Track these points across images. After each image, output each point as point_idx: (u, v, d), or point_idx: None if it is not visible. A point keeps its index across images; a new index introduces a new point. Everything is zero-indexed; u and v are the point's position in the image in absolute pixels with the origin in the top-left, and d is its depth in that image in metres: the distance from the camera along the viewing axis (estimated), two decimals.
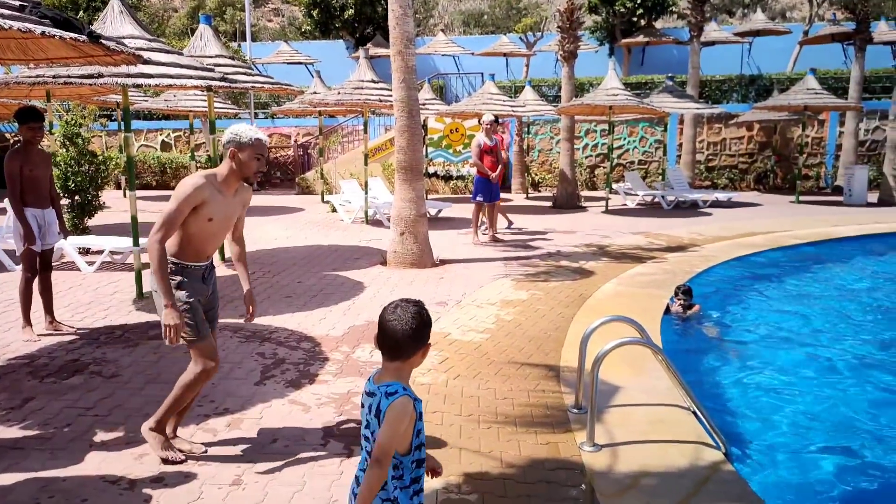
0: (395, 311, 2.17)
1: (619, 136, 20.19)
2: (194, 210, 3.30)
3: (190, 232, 3.36)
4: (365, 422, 2.20)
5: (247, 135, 3.36)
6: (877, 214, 14.04)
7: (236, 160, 3.37)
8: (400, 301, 2.21)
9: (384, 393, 2.12)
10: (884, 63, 21.85)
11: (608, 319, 4.16)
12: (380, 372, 2.22)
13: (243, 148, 3.36)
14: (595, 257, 9.36)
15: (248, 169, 3.40)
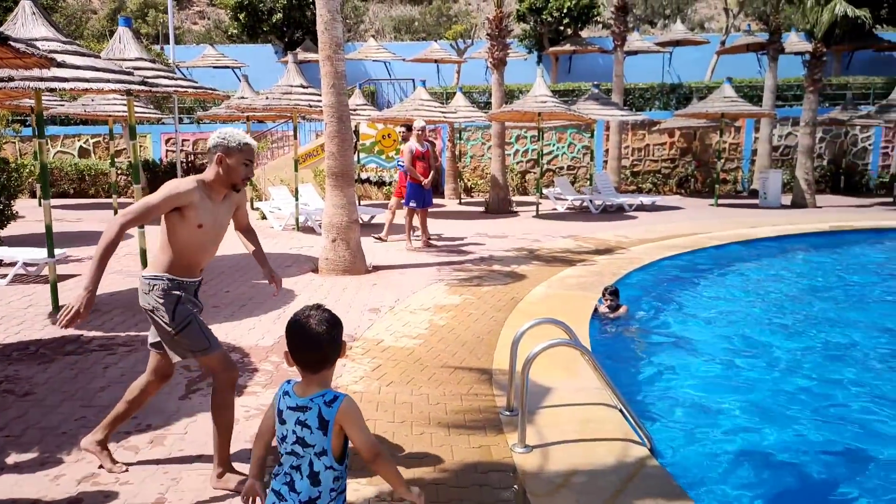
0: (310, 325, 2.12)
1: (548, 142, 20.60)
2: (182, 215, 3.14)
3: (182, 242, 3.20)
4: (292, 437, 2.15)
5: (235, 139, 3.23)
6: (790, 216, 14.81)
7: (224, 166, 3.22)
8: (307, 314, 2.16)
9: (323, 403, 2.09)
10: (795, 72, 23.09)
11: (537, 322, 4.22)
12: (300, 385, 2.18)
13: (231, 153, 3.22)
14: (526, 261, 9.50)
15: (235, 175, 3.26)
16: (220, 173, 3.23)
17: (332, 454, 2.09)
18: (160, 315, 3.17)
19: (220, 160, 3.21)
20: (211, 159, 3.25)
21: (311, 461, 2.11)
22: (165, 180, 17.87)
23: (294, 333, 2.13)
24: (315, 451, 2.11)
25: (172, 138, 20.23)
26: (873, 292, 8.76)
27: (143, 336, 5.78)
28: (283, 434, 2.17)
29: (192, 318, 3.22)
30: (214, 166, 3.23)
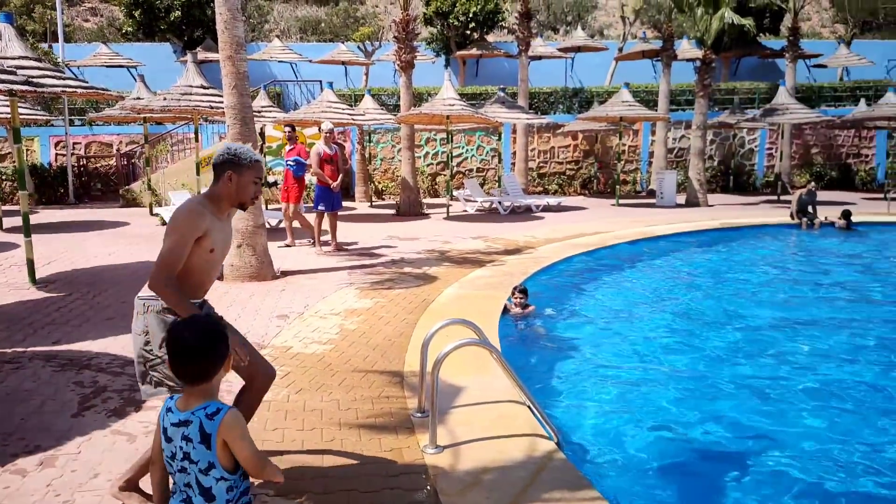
0: (188, 336, 2.05)
1: (457, 145, 20.82)
2: (197, 241, 2.92)
3: (191, 265, 2.96)
4: (180, 454, 2.07)
5: (246, 155, 3.05)
6: (684, 214, 15.62)
7: (234, 183, 3.04)
8: (185, 324, 2.10)
9: (204, 416, 2.02)
10: (687, 78, 24.37)
11: (447, 323, 4.25)
12: (182, 398, 2.10)
13: (242, 170, 3.04)
14: (437, 263, 9.56)
15: (245, 194, 3.08)
16: (229, 191, 3.05)
17: (222, 465, 2.03)
18: (147, 339, 2.92)
19: (231, 177, 3.04)
20: (219, 176, 3.06)
21: (198, 478, 2.04)
22: (55, 185, 16.74)
23: (173, 344, 2.05)
24: (200, 468, 2.03)
25: (62, 141, 19.06)
26: (761, 284, 9.35)
27: (34, 351, 5.42)
28: (172, 452, 2.08)
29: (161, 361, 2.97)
30: (225, 183, 3.05)
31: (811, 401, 5.07)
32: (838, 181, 22.30)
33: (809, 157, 22.62)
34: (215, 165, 3.07)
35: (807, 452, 4.25)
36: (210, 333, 2.06)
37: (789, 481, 3.90)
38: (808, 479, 3.92)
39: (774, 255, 11.84)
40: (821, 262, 11.05)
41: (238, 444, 2.02)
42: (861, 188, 22.18)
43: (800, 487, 3.84)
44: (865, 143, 22.86)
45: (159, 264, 2.85)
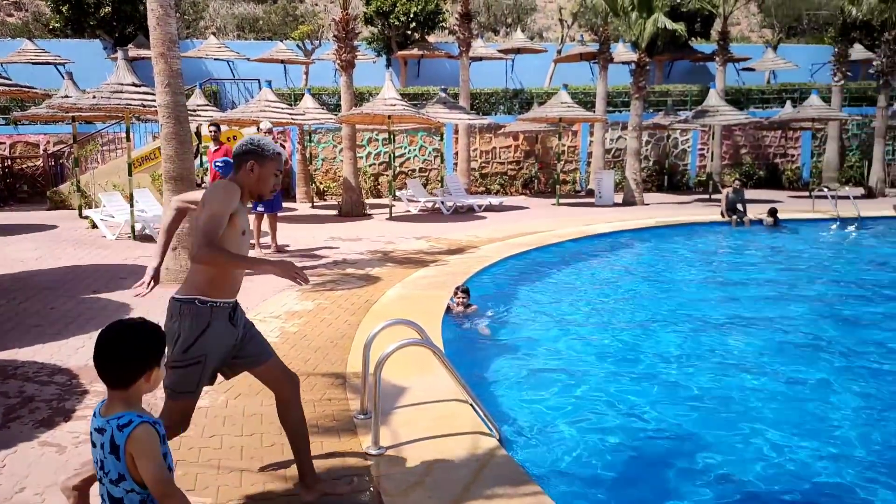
0: (110, 335, 2.00)
1: (400, 145, 20.78)
2: (231, 223, 2.90)
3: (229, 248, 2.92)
4: (98, 462, 2.00)
5: (269, 147, 3.05)
6: (622, 213, 16.01)
7: (256, 174, 3.03)
8: (117, 322, 2.04)
9: (116, 426, 1.95)
10: (623, 80, 24.96)
11: (389, 323, 4.24)
12: (105, 404, 2.04)
13: (265, 161, 3.03)
14: (380, 263, 9.52)
15: (265, 185, 3.07)
16: (250, 181, 3.04)
17: (133, 478, 1.96)
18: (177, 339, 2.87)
19: (253, 167, 3.03)
20: (240, 166, 3.05)
21: (108, 488, 1.97)
22: None
23: (97, 345, 1.99)
24: (111, 478, 1.97)
25: None
26: (693, 281, 9.67)
27: None
28: (97, 458, 2.02)
29: (203, 362, 2.92)
30: (246, 173, 3.03)
31: (741, 393, 5.27)
32: (767, 180, 23.26)
33: (739, 157, 23.51)
34: (237, 155, 3.06)
35: (736, 446, 4.42)
36: (134, 339, 1.99)
37: (718, 472, 4.05)
38: (735, 471, 4.08)
39: (706, 252, 12.26)
40: (748, 257, 11.51)
41: (142, 463, 1.93)
42: (788, 187, 23.18)
43: (724, 477, 3.99)
44: (791, 143, 23.90)
45: (201, 233, 2.80)
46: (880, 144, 20.35)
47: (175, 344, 2.88)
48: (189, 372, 2.90)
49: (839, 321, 7.42)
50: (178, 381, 2.91)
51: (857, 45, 26.20)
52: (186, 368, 2.90)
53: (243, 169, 3.04)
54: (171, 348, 2.88)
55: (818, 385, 5.45)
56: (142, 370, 2.00)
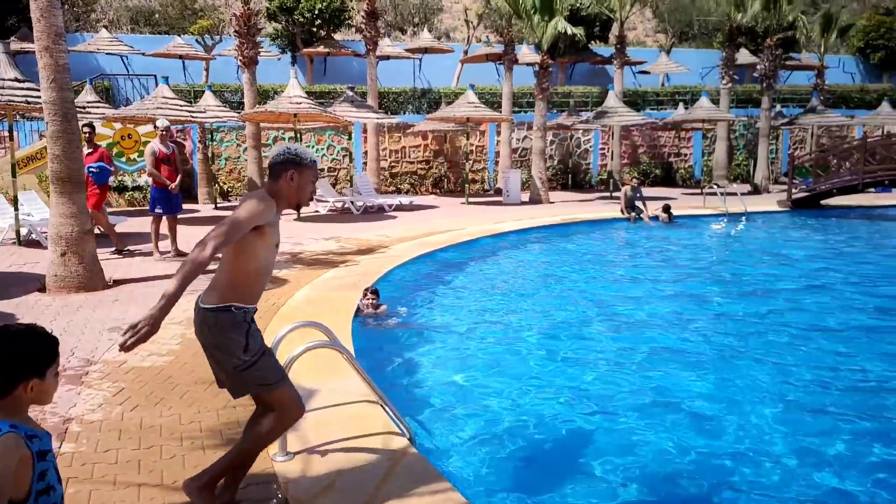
0: None
1: (307, 144, 20.42)
2: (261, 234, 2.90)
3: (256, 264, 2.94)
4: None
5: (306, 154, 3.04)
6: (528, 211, 16.39)
7: (295, 183, 3.00)
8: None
9: None
10: (528, 81, 25.57)
11: (296, 326, 4.14)
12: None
13: (303, 169, 3.01)
14: (288, 265, 9.32)
15: (304, 193, 3.05)
16: (289, 190, 3.01)
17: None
18: (232, 348, 2.87)
19: (292, 176, 2.99)
20: (279, 175, 3.00)
21: None
22: None
23: None
24: None
25: None
26: (596, 274, 10.02)
27: None
28: None
29: (266, 351, 2.96)
30: (284, 182, 2.99)
31: (640, 385, 5.50)
32: (663, 178, 24.42)
33: (637, 156, 24.57)
34: (274, 165, 3.02)
35: (637, 438, 4.62)
36: (8, 347, 1.86)
37: (620, 464, 4.21)
38: (636, 463, 4.25)
39: (607, 248, 12.74)
40: (645, 251, 12.06)
41: None
42: (682, 184, 24.43)
43: (624, 467, 4.16)
44: (684, 143, 25.21)
45: (217, 230, 2.79)
46: (764, 144, 21.80)
47: (231, 352, 2.89)
48: (263, 363, 2.93)
49: (726, 309, 7.89)
50: (263, 376, 2.94)
51: (742, 49, 27.94)
52: (258, 362, 2.92)
53: (283, 178, 3.00)
54: (230, 357, 2.89)
55: (708, 374, 5.77)
56: (18, 379, 1.87)
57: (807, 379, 5.56)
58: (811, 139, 25.61)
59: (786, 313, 7.69)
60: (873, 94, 29.32)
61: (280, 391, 3.01)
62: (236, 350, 2.89)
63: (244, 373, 2.91)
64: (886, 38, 32.81)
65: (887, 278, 9.70)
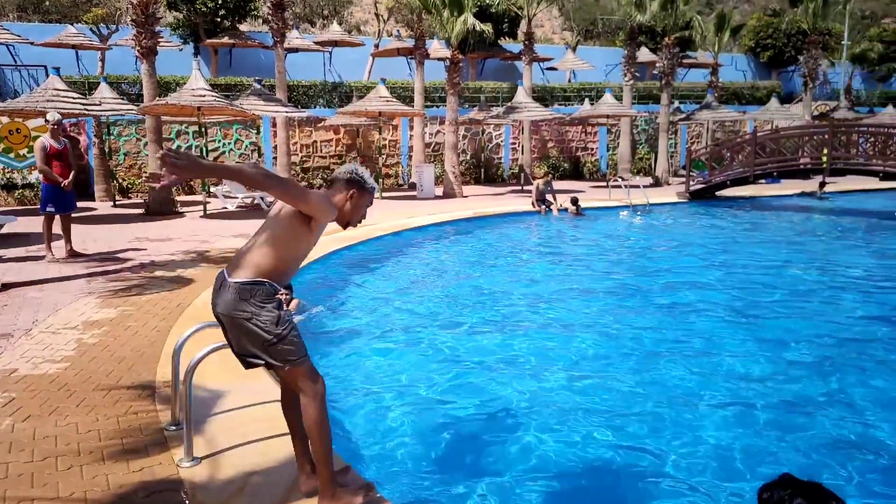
0: None
1: (213, 138, 19.73)
2: (311, 227, 2.99)
3: (295, 251, 3.04)
4: None
5: (370, 181, 3.17)
6: (442, 205, 16.48)
7: (353, 203, 3.12)
8: None
9: None
10: (439, 76, 25.66)
11: (201, 326, 4.01)
12: None
13: (364, 193, 3.15)
14: (194, 264, 8.99)
15: (357, 214, 3.17)
16: (345, 208, 3.12)
17: None
18: (262, 321, 2.89)
19: (352, 196, 3.12)
20: (339, 190, 3.13)
21: None
22: None
23: None
24: None
25: None
26: (509, 265, 10.21)
27: None
28: None
29: (293, 323, 2.99)
30: (344, 198, 3.12)
31: (570, 381, 5.66)
32: (571, 172, 25.14)
33: (546, 150, 25.17)
34: (339, 179, 3.15)
35: (560, 431, 4.74)
36: None
37: (536, 455, 4.32)
38: (552, 455, 4.37)
39: (518, 239, 13.00)
40: (555, 242, 12.39)
41: None
42: (589, 177, 25.24)
43: (542, 458, 4.27)
44: (591, 137, 26.03)
45: (288, 182, 2.93)
46: (664, 138, 22.81)
47: (263, 325, 2.90)
48: (293, 337, 2.96)
49: (632, 296, 8.22)
50: (292, 350, 2.96)
51: (643, 48, 29.11)
52: (289, 336, 2.94)
53: (343, 195, 3.12)
54: (262, 332, 2.90)
55: (621, 363, 6.00)
56: None
57: (705, 356, 5.88)
58: (707, 133, 27.03)
59: (688, 296, 8.10)
60: (763, 90, 31.26)
61: (305, 366, 3.02)
62: (269, 323, 2.91)
63: (276, 346, 2.93)
64: (774, 37, 35.02)
65: (774, 261, 10.39)
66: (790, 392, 5.17)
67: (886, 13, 49.73)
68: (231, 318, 2.95)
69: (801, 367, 5.71)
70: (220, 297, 2.97)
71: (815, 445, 4.31)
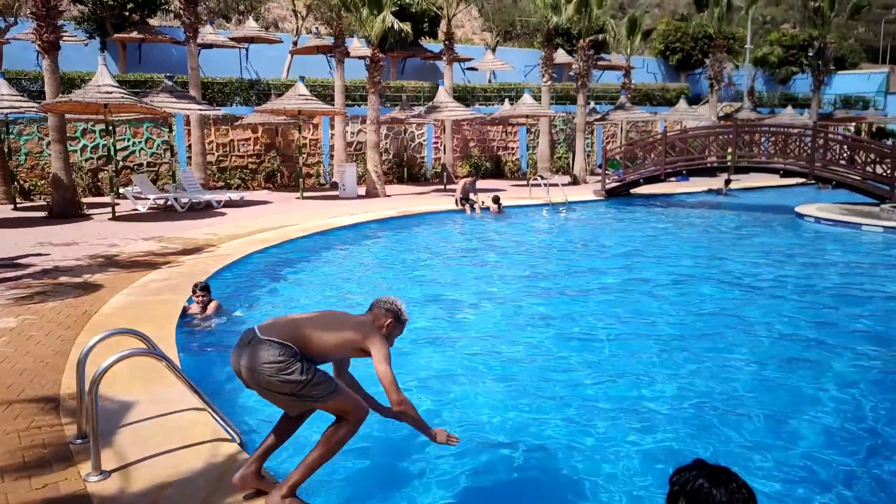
0: None
1: (122, 137, 18.90)
2: (361, 354, 3.32)
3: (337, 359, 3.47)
4: None
5: (406, 313, 3.46)
6: (365, 205, 16.39)
7: (386, 331, 3.37)
8: None
9: None
10: (360, 74, 25.45)
11: (107, 335, 3.85)
12: None
13: (399, 325, 3.44)
14: (102, 269, 8.60)
15: (390, 341, 3.38)
16: (382, 332, 3.35)
17: None
18: (291, 371, 3.07)
19: (390, 325, 3.38)
20: (378, 317, 3.39)
21: None
22: None
23: None
24: None
25: None
26: (433, 263, 10.26)
27: None
28: None
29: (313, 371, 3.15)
30: (382, 325, 3.37)
31: (501, 374, 5.73)
32: (493, 171, 25.48)
33: (468, 149, 25.42)
34: (380, 307, 3.41)
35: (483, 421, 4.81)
36: None
37: (467, 450, 4.36)
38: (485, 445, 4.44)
39: (442, 238, 13.08)
40: (478, 239, 12.55)
41: None
42: (510, 176, 25.65)
43: (477, 450, 4.33)
44: (511, 137, 26.46)
45: (394, 384, 3.23)
46: (581, 138, 23.45)
47: (289, 375, 3.07)
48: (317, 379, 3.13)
49: (552, 289, 8.43)
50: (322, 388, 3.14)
51: (560, 50, 29.82)
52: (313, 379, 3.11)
53: (381, 321, 3.38)
54: (289, 381, 3.07)
55: (541, 349, 6.14)
56: None
57: (627, 340, 6.10)
58: (621, 133, 27.99)
59: (607, 287, 8.39)
60: (672, 92, 32.60)
61: (339, 398, 3.20)
62: (294, 373, 3.08)
63: (304, 390, 3.11)
64: (682, 41, 36.59)
65: (683, 254, 10.90)
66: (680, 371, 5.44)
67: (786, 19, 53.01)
68: (257, 372, 3.12)
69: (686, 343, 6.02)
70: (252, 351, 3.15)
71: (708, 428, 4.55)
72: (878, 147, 17.65)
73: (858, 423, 4.66)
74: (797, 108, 33.90)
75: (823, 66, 29.72)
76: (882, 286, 8.83)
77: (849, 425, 4.62)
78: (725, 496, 1.74)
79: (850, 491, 3.83)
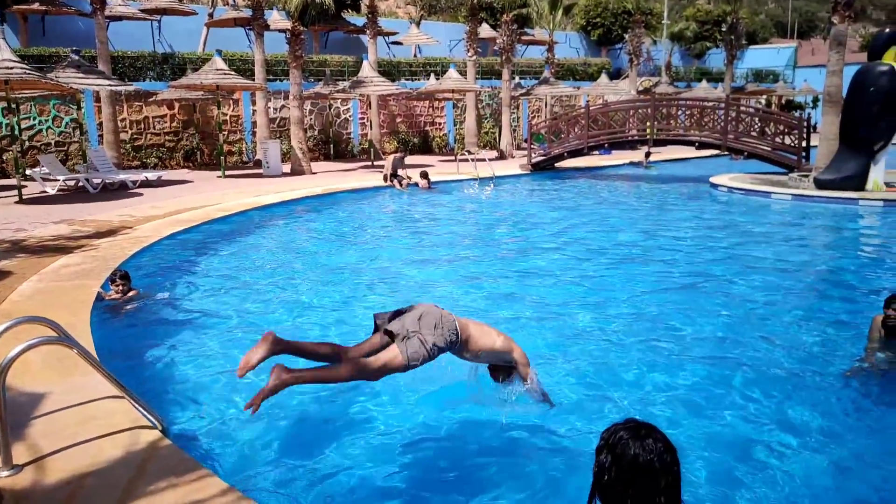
0: None
1: (27, 116, 17.80)
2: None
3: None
4: None
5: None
6: (290, 182, 16.05)
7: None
8: None
9: None
10: (281, 48, 24.73)
11: (12, 324, 3.63)
12: None
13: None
14: (8, 255, 8.12)
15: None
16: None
17: None
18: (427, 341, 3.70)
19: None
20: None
21: None
22: None
23: None
24: None
25: None
26: (363, 241, 10.18)
27: None
28: None
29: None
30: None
31: None
32: (420, 147, 25.39)
33: (395, 125, 25.21)
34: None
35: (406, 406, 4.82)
36: None
37: (401, 440, 4.38)
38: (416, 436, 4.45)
39: (371, 215, 12.98)
40: (410, 215, 12.53)
41: None
42: (438, 152, 25.64)
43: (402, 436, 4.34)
44: (438, 112, 26.40)
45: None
46: (507, 113, 23.62)
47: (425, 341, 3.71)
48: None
49: (482, 262, 8.52)
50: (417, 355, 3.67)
51: (484, 24, 29.83)
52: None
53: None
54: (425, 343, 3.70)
55: None
56: None
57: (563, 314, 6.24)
58: (546, 108, 28.36)
59: (535, 260, 8.55)
60: (594, 66, 33.24)
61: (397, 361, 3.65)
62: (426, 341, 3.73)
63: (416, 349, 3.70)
64: (602, 16, 37.26)
65: (607, 222, 11.23)
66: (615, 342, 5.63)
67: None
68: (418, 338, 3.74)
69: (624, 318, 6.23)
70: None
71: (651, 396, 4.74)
72: (787, 119, 18.56)
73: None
74: (712, 81, 35.24)
75: (736, 41, 30.86)
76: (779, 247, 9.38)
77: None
78: (639, 448, 1.92)
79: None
